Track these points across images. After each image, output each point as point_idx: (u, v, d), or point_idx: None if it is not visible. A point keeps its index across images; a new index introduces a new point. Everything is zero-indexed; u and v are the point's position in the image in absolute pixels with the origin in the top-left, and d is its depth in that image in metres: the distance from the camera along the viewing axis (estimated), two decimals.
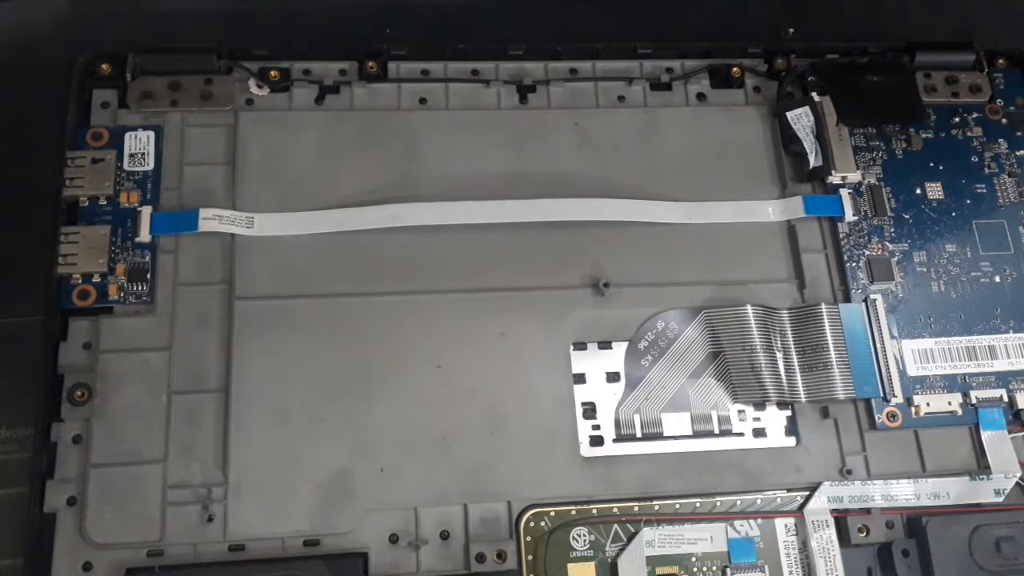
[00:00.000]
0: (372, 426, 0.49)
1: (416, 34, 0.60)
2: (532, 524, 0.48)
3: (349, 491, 0.48)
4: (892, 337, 0.52)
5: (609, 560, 0.48)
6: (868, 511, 0.49)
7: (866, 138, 0.58)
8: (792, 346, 0.52)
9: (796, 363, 0.51)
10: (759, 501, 0.50)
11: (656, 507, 0.49)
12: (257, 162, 0.54)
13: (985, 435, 0.51)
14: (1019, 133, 0.59)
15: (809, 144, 0.56)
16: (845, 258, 0.54)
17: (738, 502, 0.50)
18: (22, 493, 0.46)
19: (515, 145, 0.56)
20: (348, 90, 0.56)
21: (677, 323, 0.53)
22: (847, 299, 0.53)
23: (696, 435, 0.51)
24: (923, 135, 0.58)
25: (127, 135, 0.53)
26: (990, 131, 0.59)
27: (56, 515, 0.46)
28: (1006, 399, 0.52)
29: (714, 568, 0.48)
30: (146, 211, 0.51)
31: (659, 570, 0.48)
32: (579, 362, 0.52)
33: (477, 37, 0.59)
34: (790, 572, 0.49)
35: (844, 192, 0.56)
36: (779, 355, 0.52)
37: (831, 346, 0.51)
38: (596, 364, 0.52)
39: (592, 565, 0.48)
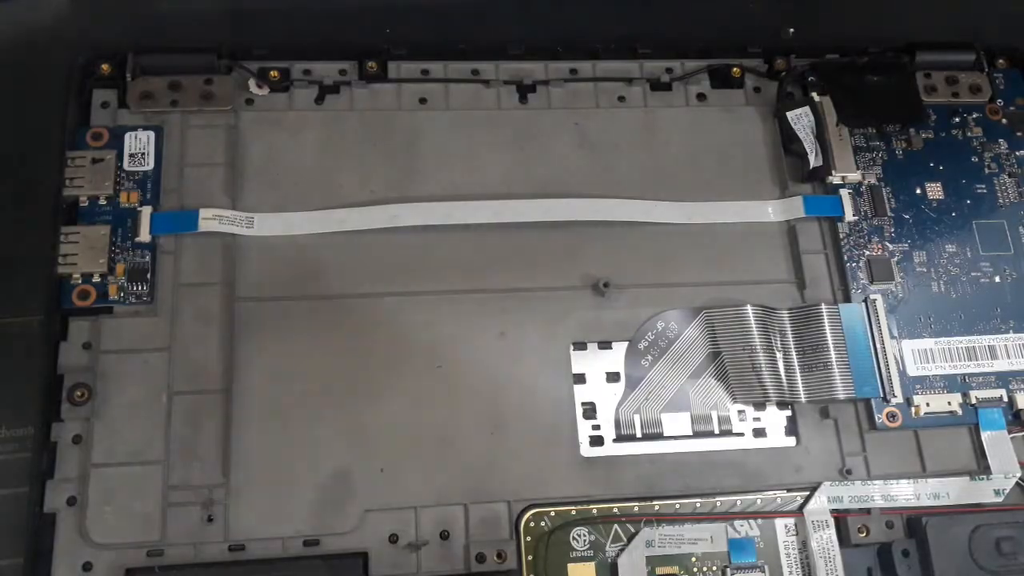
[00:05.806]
0: (372, 426, 0.49)
1: (416, 34, 0.60)
2: (532, 524, 0.48)
3: (349, 491, 0.48)
4: (892, 337, 0.52)
5: (609, 560, 0.48)
6: (868, 511, 0.49)
7: (866, 138, 0.58)
8: (792, 346, 0.52)
9: (796, 363, 0.51)
10: (759, 501, 0.50)
11: (656, 507, 0.49)
12: (257, 162, 0.54)
13: (985, 435, 0.51)
14: (1019, 133, 0.59)
15: (809, 144, 0.56)
16: (845, 258, 0.54)
17: (738, 502, 0.50)
18: (22, 493, 0.46)
19: (515, 145, 0.56)
20: (348, 90, 0.56)
21: (677, 323, 0.53)
22: (847, 299, 0.53)
23: (696, 435, 0.51)
24: (923, 135, 0.58)
25: (127, 135, 0.53)
26: (990, 131, 0.59)
27: (56, 515, 0.46)
28: (1006, 399, 0.52)
29: (714, 568, 0.48)
30: (146, 211, 0.51)
31: (659, 570, 0.48)
32: (579, 362, 0.52)
33: (477, 37, 0.59)
34: (790, 572, 0.49)
35: (844, 192, 0.55)
36: (779, 355, 0.51)
37: (831, 346, 0.51)
38: (596, 364, 0.52)
39: (592, 565, 0.48)
